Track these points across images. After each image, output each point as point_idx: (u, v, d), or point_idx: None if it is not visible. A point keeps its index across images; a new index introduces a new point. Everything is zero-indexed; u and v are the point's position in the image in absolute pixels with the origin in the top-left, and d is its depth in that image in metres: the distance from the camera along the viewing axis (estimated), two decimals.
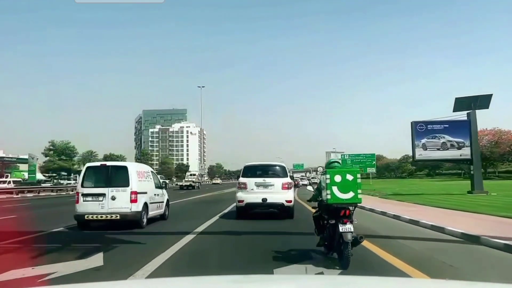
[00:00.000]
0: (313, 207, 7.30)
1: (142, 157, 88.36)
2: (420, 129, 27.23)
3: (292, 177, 16.38)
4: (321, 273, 5.57)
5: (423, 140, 27.19)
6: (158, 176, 14.75)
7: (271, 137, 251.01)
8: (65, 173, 60.95)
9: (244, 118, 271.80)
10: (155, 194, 12.43)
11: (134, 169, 11.59)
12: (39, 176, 60.53)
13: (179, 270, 6.28)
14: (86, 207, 10.72)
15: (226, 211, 16.15)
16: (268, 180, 12.81)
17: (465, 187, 36.94)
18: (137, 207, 10.89)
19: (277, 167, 13.53)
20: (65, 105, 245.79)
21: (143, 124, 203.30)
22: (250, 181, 12.78)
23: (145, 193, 11.52)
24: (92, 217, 10.59)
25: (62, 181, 59.04)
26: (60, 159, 58.64)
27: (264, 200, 12.44)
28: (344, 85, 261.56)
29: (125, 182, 10.87)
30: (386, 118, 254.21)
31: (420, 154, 27.41)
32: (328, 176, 6.03)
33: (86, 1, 25.38)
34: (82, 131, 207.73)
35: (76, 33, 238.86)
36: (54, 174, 60.33)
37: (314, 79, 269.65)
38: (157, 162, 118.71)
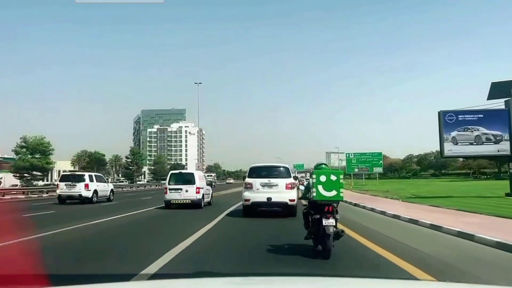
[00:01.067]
0: (303, 204, 7.75)
1: (132, 156, 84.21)
2: (450, 120, 22.96)
3: (296, 178, 17.31)
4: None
5: (453, 133, 22.91)
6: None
7: (271, 137, 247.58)
8: (40, 173, 55.72)
9: (244, 118, 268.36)
10: (206, 189, 19.29)
11: (197, 174, 19.10)
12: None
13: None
14: (171, 196, 17.75)
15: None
16: (273, 180, 13.39)
17: (489, 187, 33.13)
18: (199, 196, 17.84)
19: (281, 168, 14.14)
20: (64, 105, 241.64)
21: (142, 124, 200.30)
22: (256, 181, 13.46)
23: (202, 188, 18.36)
24: (174, 201, 17.62)
25: (36, 182, 54.42)
26: (33, 157, 53.09)
27: (269, 199, 13.13)
28: (344, 85, 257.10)
29: (193, 182, 17.90)
30: (389, 118, 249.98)
31: (450, 149, 23.08)
32: (314, 176, 6.72)
33: (86, 1, 24.60)
34: (81, 131, 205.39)
35: (74, 32, 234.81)
36: (27, 174, 54.92)
37: (315, 78, 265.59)
38: (152, 162, 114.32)
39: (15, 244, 8.06)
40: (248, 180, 13.73)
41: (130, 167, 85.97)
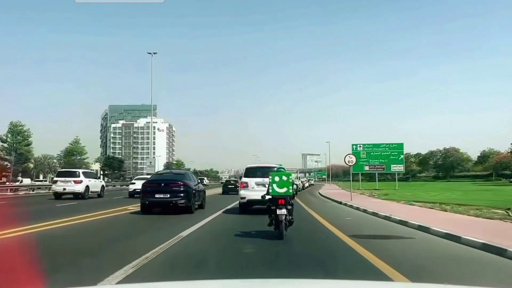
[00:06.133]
0: (268, 200, 9.53)
1: (11, 137, 56.40)
2: None
3: None
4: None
5: None
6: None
7: (246, 138, 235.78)
8: None
9: (217, 117, 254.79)
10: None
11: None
12: None
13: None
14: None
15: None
16: (267, 180, 14.38)
17: None
18: None
19: (274, 169, 15.37)
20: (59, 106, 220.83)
21: (109, 120, 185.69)
22: (251, 181, 15.21)
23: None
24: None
25: None
26: None
27: (263, 197, 13.44)
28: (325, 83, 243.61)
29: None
30: (381, 114, 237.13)
31: None
32: (270, 177, 9.01)
33: (86, 1, 25.47)
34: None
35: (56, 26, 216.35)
36: None
37: (294, 78, 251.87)
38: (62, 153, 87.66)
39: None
40: (244, 179, 15.65)
41: (6, 157, 53.12)
